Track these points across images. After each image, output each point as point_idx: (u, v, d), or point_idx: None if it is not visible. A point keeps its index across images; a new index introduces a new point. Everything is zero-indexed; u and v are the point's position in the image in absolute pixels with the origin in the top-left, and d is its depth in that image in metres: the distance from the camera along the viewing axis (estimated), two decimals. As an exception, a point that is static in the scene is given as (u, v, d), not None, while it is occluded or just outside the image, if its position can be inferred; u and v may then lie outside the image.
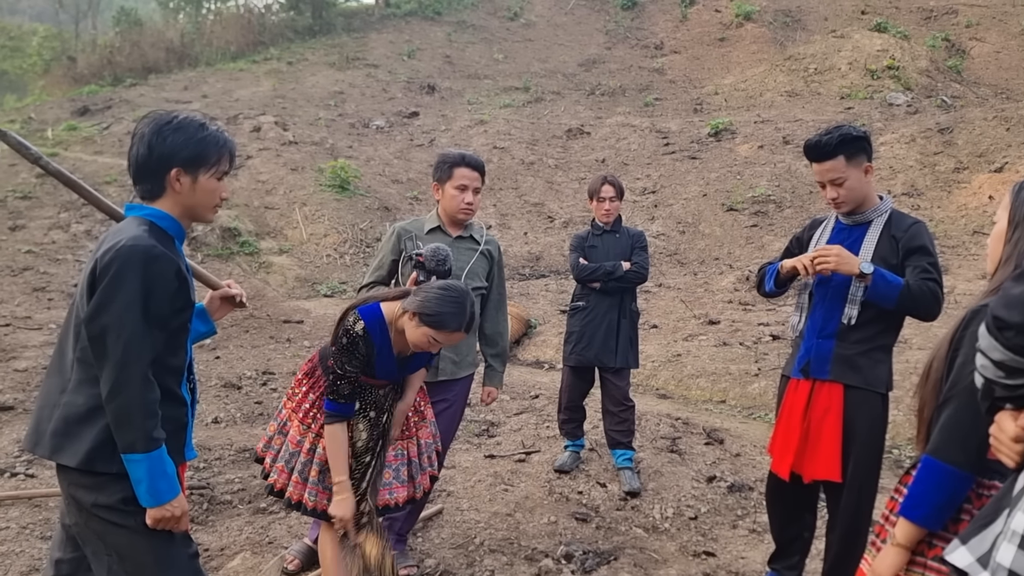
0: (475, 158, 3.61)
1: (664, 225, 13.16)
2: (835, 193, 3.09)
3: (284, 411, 3.07)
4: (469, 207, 3.55)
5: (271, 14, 26.62)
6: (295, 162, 14.79)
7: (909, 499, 1.90)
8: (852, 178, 3.06)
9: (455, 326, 2.66)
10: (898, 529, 1.92)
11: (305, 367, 3.10)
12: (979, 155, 12.99)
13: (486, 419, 5.95)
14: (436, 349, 2.80)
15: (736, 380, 7.06)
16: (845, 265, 2.94)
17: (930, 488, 1.84)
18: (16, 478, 4.45)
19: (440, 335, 2.68)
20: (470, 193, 3.54)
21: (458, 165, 3.53)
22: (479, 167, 3.59)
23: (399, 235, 3.58)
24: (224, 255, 11.58)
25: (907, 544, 1.90)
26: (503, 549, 3.84)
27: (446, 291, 2.69)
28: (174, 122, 2.15)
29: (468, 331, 2.74)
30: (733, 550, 4.00)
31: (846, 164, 3.04)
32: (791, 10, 22.72)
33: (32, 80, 27.64)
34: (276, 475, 2.98)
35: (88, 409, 2.06)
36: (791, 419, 3.18)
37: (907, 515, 1.89)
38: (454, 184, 3.53)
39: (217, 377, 6.81)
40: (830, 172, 3.07)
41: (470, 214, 3.60)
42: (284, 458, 2.97)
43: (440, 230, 3.61)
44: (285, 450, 2.98)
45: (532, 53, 23.17)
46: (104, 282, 2.01)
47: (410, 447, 3.13)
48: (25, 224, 11.66)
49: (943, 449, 1.82)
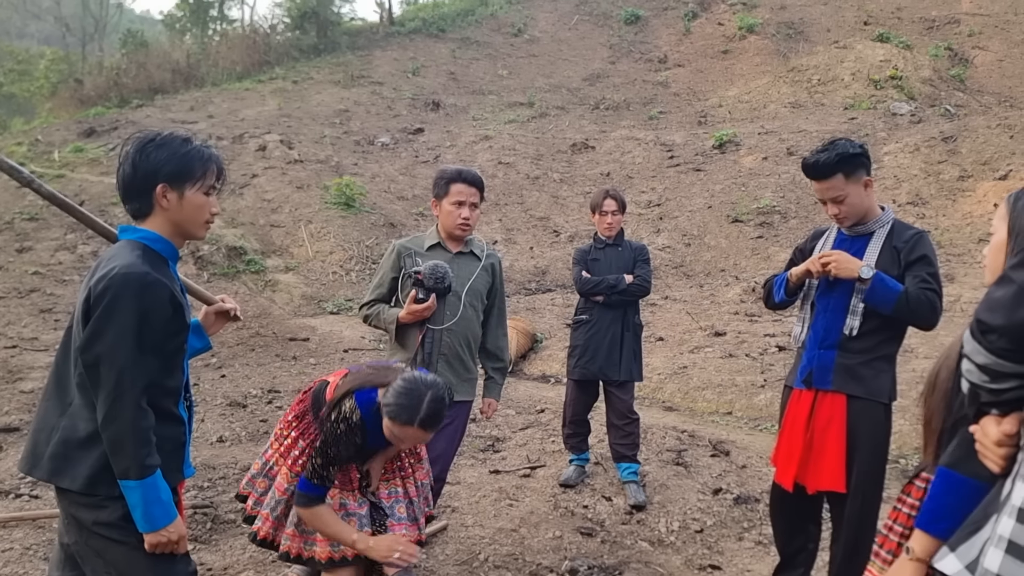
0: (472, 173, 3.60)
1: (669, 238, 13.15)
2: (836, 210, 3.10)
3: (270, 451, 3.01)
4: (466, 222, 3.55)
5: (276, 34, 26.82)
6: (300, 180, 14.85)
7: (927, 513, 1.82)
8: (852, 194, 3.06)
9: (405, 419, 2.52)
10: (916, 543, 1.84)
11: (295, 408, 3.04)
12: (983, 163, 12.95)
13: (491, 434, 5.93)
14: (401, 445, 2.67)
15: (742, 391, 7.03)
16: (845, 269, 2.95)
17: (952, 501, 1.77)
18: (20, 499, 4.45)
19: (395, 428, 2.56)
20: (467, 208, 3.54)
21: (455, 181, 3.54)
22: (476, 182, 3.58)
23: (399, 252, 3.57)
24: (230, 274, 11.62)
25: (927, 558, 1.82)
26: (508, 565, 3.82)
27: (406, 383, 2.57)
28: (157, 139, 2.17)
29: (427, 429, 2.55)
30: (739, 563, 3.97)
31: (845, 181, 3.05)
32: (794, 22, 22.76)
33: (39, 103, 27.88)
34: (261, 522, 2.92)
35: (88, 434, 2.08)
36: (794, 430, 3.17)
37: (927, 529, 1.81)
38: (451, 200, 3.53)
39: (222, 396, 6.81)
40: (830, 190, 3.08)
41: (467, 229, 3.59)
42: (270, 505, 2.91)
43: (440, 247, 3.61)
44: (272, 497, 2.92)
45: (536, 68, 23.26)
46: (98, 311, 2.02)
47: (408, 486, 3.06)
48: (32, 246, 11.73)
49: (964, 462, 1.74)
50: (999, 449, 1.47)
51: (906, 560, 1.88)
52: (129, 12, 50.06)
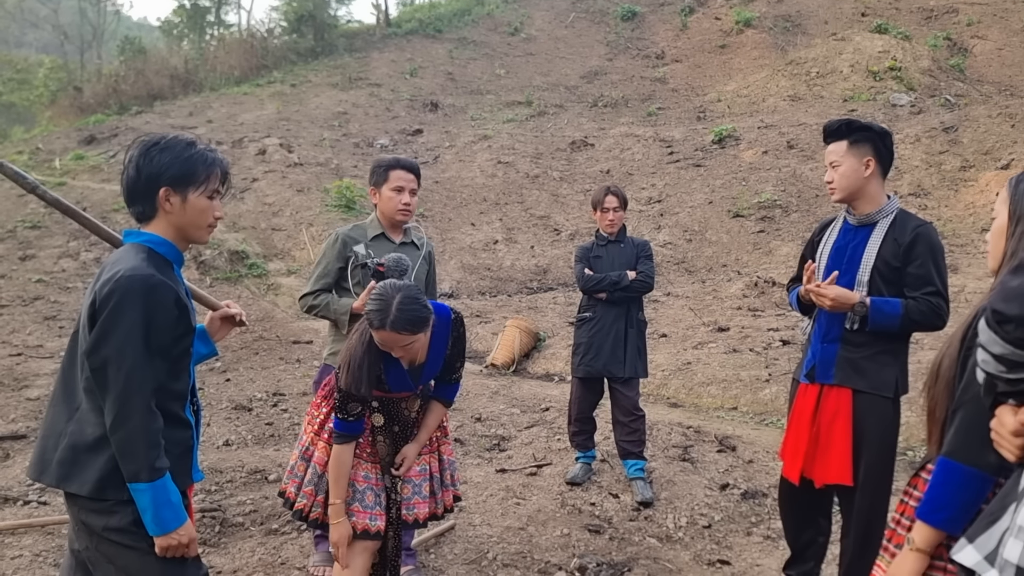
0: (409, 161, 3.67)
1: (671, 234, 13.14)
2: (830, 176, 3.15)
3: (305, 437, 3.05)
4: (407, 207, 3.58)
5: (273, 38, 26.88)
6: (301, 183, 14.87)
7: (928, 503, 1.82)
8: (846, 165, 3.07)
9: (378, 323, 2.60)
10: (916, 533, 1.85)
11: (322, 391, 3.09)
12: (985, 152, 12.94)
13: (497, 433, 5.93)
14: (399, 355, 2.72)
15: (747, 386, 7.02)
16: (841, 308, 3.02)
17: (951, 491, 1.77)
18: (29, 506, 4.46)
19: (376, 335, 2.65)
20: (407, 194, 3.58)
21: (393, 168, 3.59)
22: (414, 169, 3.64)
23: (344, 242, 3.59)
24: (232, 278, 11.63)
25: (927, 548, 1.84)
26: (516, 563, 3.82)
27: (378, 290, 2.67)
28: (161, 143, 2.17)
29: (400, 331, 2.60)
30: (748, 558, 3.96)
31: (847, 149, 3.07)
32: (791, 15, 22.75)
33: (39, 111, 27.94)
34: (306, 500, 2.94)
35: (96, 438, 2.07)
36: (800, 423, 3.16)
37: (927, 519, 1.82)
38: (391, 186, 3.57)
39: (228, 399, 6.82)
40: (831, 154, 3.14)
41: (408, 215, 3.63)
42: (313, 481, 2.94)
43: (384, 236, 3.63)
44: (313, 473, 2.95)
45: (534, 67, 23.26)
46: (104, 314, 2.02)
47: (432, 462, 3.12)
48: (35, 254, 11.75)
49: (962, 451, 1.75)
50: (1016, 439, 1.46)
51: (907, 551, 1.88)
52: (126, 19, 50.13)
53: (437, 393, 3.06)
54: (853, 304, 2.99)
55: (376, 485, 2.94)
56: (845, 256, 3.13)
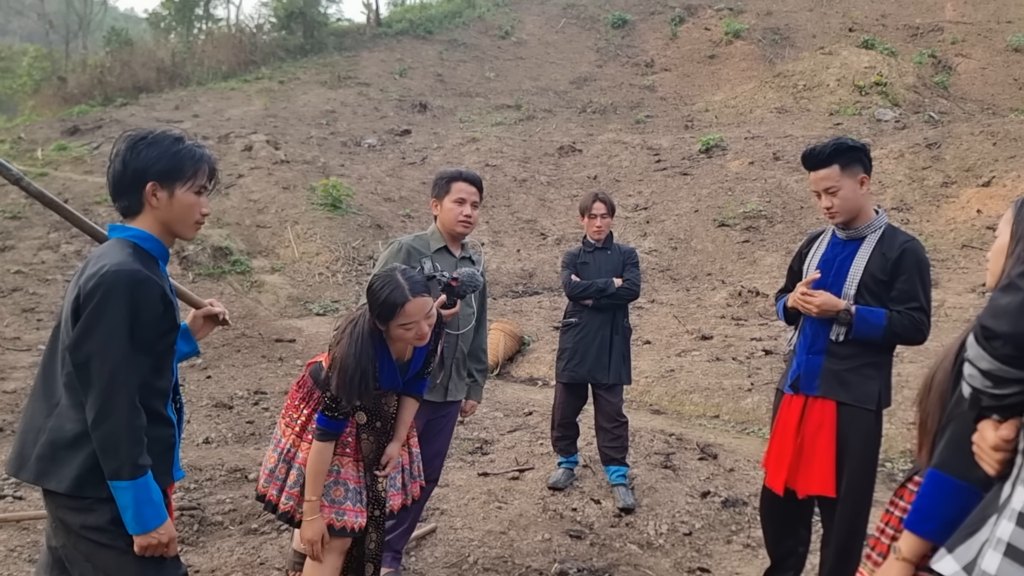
0: (472, 173, 3.64)
1: (656, 241, 13.19)
2: (828, 203, 3.11)
3: (283, 440, 3.01)
4: (468, 219, 3.55)
5: (262, 33, 26.76)
6: (287, 181, 14.79)
7: (916, 513, 1.84)
8: (846, 188, 3.06)
9: (401, 299, 2.65)
10: (903, 543, 1.87)
11: (297, 393, 3.05)
12: (967, 169, 13.09)
13: (479, 437, 5.92)
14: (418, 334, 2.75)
15: (729, 395, 7.05)
16: (827, 313, 3.05)
17: (939, 502, 1.79)
18: (3, 500, 4.40)
19: (398, 319, 2.69)
20: (468, 206, 3.55)
21: (455, 180, 3.56)
22: (476, 182, 3.62)
23: (409, 252, 3.49)
24: (216, 274, 11.54)
25: (913, 558, 1.86)
26: (497, 567, 3.82)
27: (374, 281, 2.74)
28: (149, 137, 2.15)
29: (420, 294, 2.69)
30: (728, 566, 3.98)
31: (840, 173, 3.06)
32: (779, 28, 22.94)
33: (22, 100, 27.63)
34: (291, 502, 2.92)
35: (75, 435, 2.04)
36: (785, 434, 3.18)
37: (914, 529, 1.84)
38: (453, 198, 3.54)
39: (208, 397, 6.76)
40: (824, 181, 3.09)
41: (469, 227, 3.59)
42: (299, 483, 2.92)
43: (446, 250, 3.60)
44: (298, 475, 2.92)
45: (523, 71, 23.30)
46: (88, 308, 1.99)
47: (403, 455, 3.15)
48: (14, 245, 11.61)
49: (952, 463, 1.77)
50: (995, 453, 1.48)
51: (893, 560, 1.90)
52: (113, 10, 49.78)
53: (409, 388, 3.07)
54: (839, 311, 3.01)
55: (358, 483, 2.96)
56: (833, 268, 3.15)
